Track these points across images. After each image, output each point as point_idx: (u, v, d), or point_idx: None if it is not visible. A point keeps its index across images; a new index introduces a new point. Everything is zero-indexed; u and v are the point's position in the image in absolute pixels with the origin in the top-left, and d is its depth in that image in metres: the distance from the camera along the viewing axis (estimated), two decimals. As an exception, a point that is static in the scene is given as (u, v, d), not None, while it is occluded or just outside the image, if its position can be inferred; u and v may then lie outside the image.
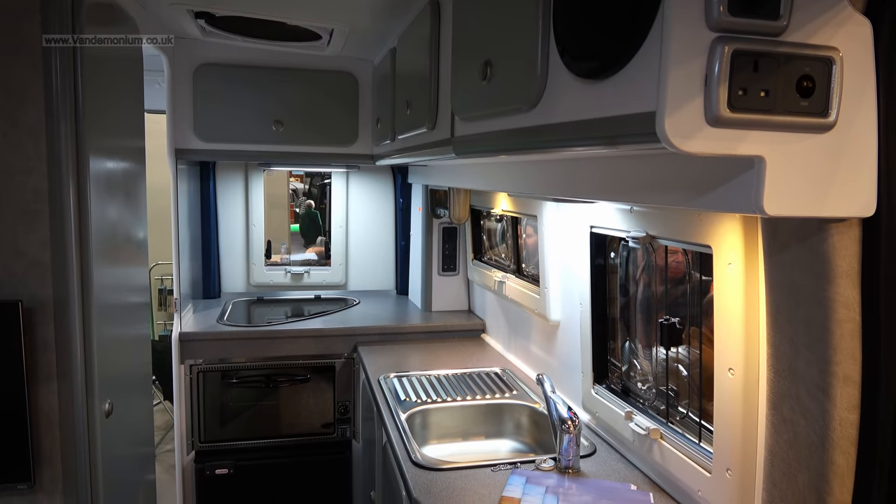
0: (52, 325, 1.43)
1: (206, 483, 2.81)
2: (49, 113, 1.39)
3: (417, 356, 2.78)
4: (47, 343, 1.42)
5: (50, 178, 1.40)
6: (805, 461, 1.00)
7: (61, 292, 1.43)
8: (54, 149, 1.41)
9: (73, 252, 1.43)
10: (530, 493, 1.57)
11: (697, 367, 1.53)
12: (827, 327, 0.94)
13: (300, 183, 5.47)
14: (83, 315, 1.45)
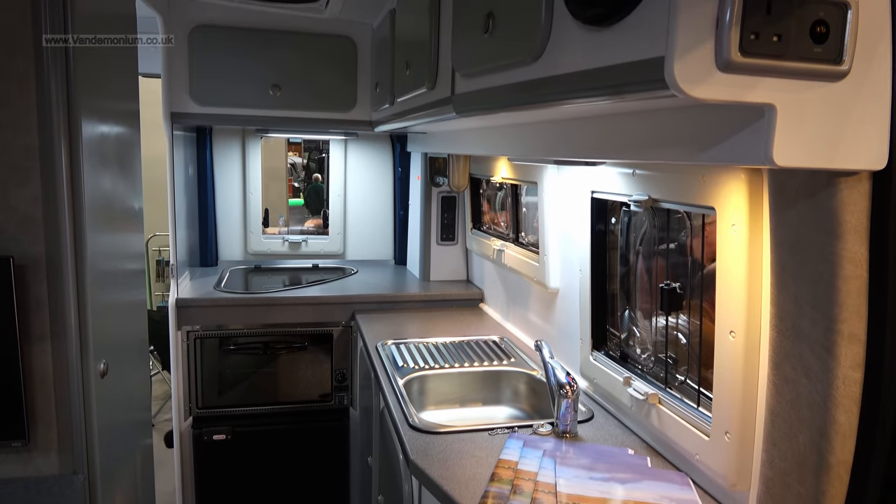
0: (44, 283, 1.41)
1: (203, 448, 2.82)
2: (38, 64, 1.36)
3: (415, 324, 2.77)
4: (40, 301, 1.41)
5: (40, 130, 1.36)
6: (806, 420, 0.99)
7: (54, 249, 1.40)
8: (44, 101, 1.38)
9: (65, 209, 1.40)
10: (527, 456, 1.56)
11: (697, 334, 1.52)
12: (833, 284, 0.92)
13: (298, 157, 5.44)
14: (76, 273, 1.43)
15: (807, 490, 1.00)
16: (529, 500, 1.36)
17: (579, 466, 1.51)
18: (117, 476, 1.74)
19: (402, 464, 1.72)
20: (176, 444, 2.83)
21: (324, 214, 4.00)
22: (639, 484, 1.43)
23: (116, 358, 1.74)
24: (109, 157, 1.75)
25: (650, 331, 1.72)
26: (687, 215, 1.52)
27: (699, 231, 1.47)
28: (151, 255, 5.90)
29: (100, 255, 1.61)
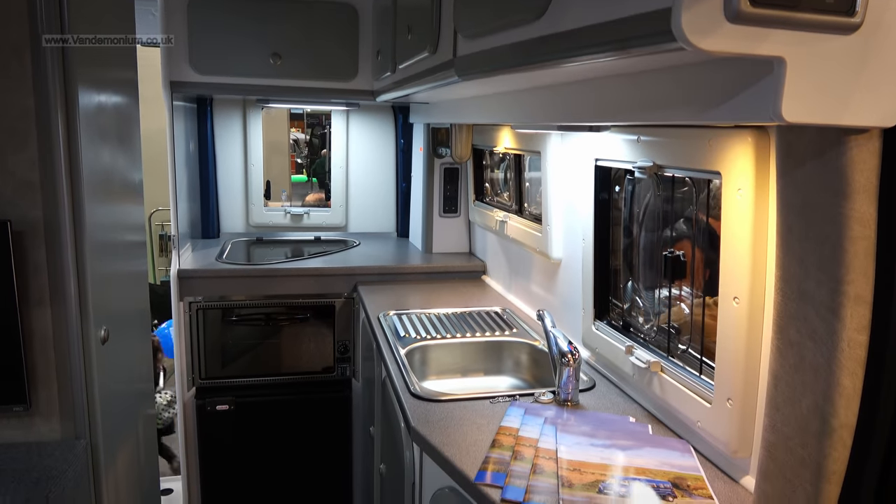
0: (42, 248, 1.40)
1: (206, 418, 2.83)
2: (33, 28, 1.33)
3: (417, 296, 2.76)
4: (38, 266, 1.40)
5: (36, 94, 1.34)
6: (810, 384, 0.98)
7: (52, 214, 1.39)
8: (40, 67, 1.35)
9: (62, 173, 1.39)
10: (529, 423, 1.56)
11: (700, 302, 1.51)
12: (840, 245, 0.91)
13: (301, 133, 5.40)
14: (75, 238, 1.41)
15: (809, 454, 0.99)
16: (530, 465, 1.37)
17: (580, 433, 1.51)
18: (119, 443, 1.75)
19: (403, 431, 1.72)
20: (179, 414, 2.85)
21: (326, 187, 3.97)
22: (640, 451, 1.43)
23: (117, 327, 1.74)
24: (107, 123, 1.73)
25: (653, 301, 1.71)
26: (692, 182, 1.50)
27: (704, 198, 1.45)
28: (154, 229, 5.90)
29: (99, 226, 1.60)
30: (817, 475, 0.98)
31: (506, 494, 1.26)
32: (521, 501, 1.24)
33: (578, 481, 1.30)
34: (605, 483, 1.30)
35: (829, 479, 0.97)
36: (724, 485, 1.32)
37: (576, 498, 1.24)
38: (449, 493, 1.45)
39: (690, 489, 1.29)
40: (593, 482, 1.30)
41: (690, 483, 1.31)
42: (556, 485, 1.29)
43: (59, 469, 1.37)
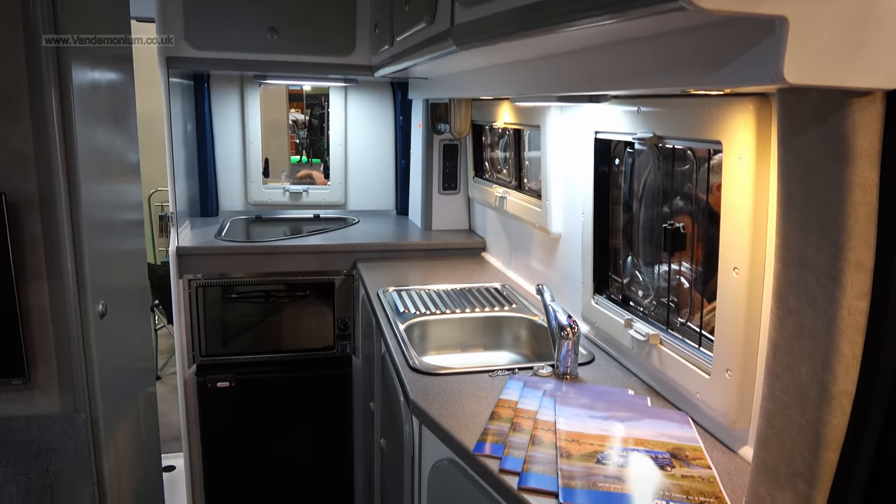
0: (38, 221, 1.39)
1: (207, 395, 2.84)
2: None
3: (417, 272, 2.76)
4: (35, 239, 1.39)
5: (28, 62, 1.33)
6: (809, 352, 0.97)
7: (47, 187, 1.38)
8: (32, 35, 1.33)
9: (56, 145, 1.37)
10: (527, 395, 1.57)
11: (700, 275, 1.50)
12: (842, 211, 0.89)
13: (300, 114, 5.37)
14: (70, 212, 1.40)
15: (808, 421, 0.99)
16: (529, 436, 1.37)
17: (579, 405, 1.51)
18: (120, 418, 1.75)
19: (402, 405, 1.72)
20: (180, 391, 2.85)
21: (324, 164, 3.95)
22: (638, 422, 1.43)
23: (116, 303, 1.73)
24: (101, 101, 1.71)
25: (652, 276, 1.70)
26: (692, 153, 1.49)
27: (704, 169, 1.44)
28: (154, 210, 5.88)
29: (95, 204, 1.59)
30: (816, 443, 0.98)
31: (504, 465, 1.27)
32: (520, 472, 1.24)
33: (577, 452, 1.30)
34: (603, 454, 1.30)
35: (828, 447, 0.97)
36: (723, 455, 1.33)
37: (574, 468, 1.24)
38: (448, 465, 1.45)
39: (689, 459, 1.29)
40: (592, 453, 1.30)
41: (689, 453, 1.31)
42: (554, 455, 1.29)
43: (59, 442, 1.38)
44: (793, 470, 1.03)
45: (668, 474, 1.23)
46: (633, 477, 1.22)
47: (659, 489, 1.18)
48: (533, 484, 1.20)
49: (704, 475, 1.24)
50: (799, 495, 1.02)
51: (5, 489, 1.29)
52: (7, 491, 1.29)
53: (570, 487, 1.18)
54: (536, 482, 1.20)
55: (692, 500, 1.15)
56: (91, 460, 1.51)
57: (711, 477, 1.23)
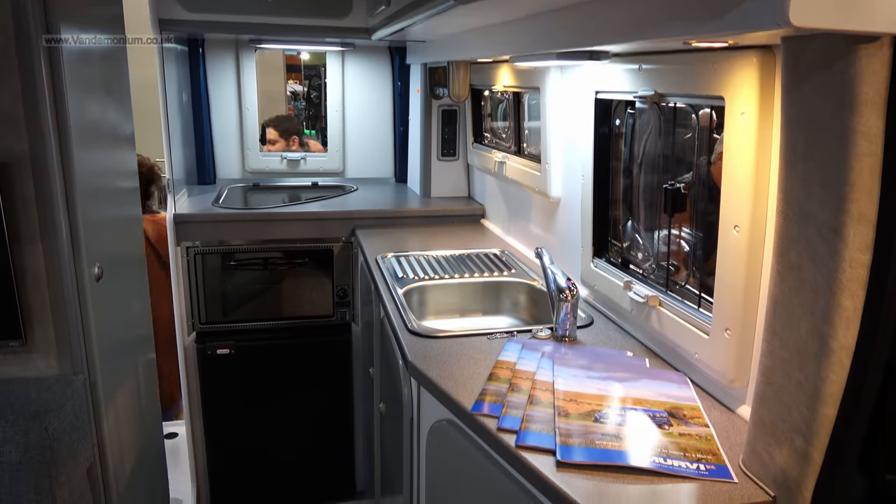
0: (31, 183, 1.38)
1: (207, 362, 2.85)
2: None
3: (416, 239, 2.74)
4: (27, 201, 1.37)
5: (15, 24, 1.29)
6: (810, 306, 0.97)
7: (38, 148, 1.36)
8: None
9: (46, 104, 1.35)
10: (526, 357, 1.56)
11: (700, 237, 1.48)
12: (845, 162, 0.88)
13: (298, 85, 5.31)
14: (63, 172, 1.39)
15: (806, 377, 0.99)
16: (527, 396, 1.37)
17: (577, 366, 1.51)
18: (119, 382, 1.75)
19: (401, 369, 1.72)
20: (180, 359, 2.86)
21: (321, 132, 3.90)
22: (636, 382, 1.43)
23: (112, 269, 1.72)
24: (91, 63, 1.68)
25: (652, 241, 1.69)
26: (694, 111, 1.46)
27: (706, 130, 1.42)
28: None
29: (90, 172, 1.57)
30: (814, 398, 0.97)
31: (502, 424, 1.27)
32: (518, 430, 1.24)
33: (575, 411, 1.30)
34: (601, 413, 1.30)
35: (826, 402, 0.96)
36: (721, 414, 1.33)
37: (572, 426, 1.24)
38: (446, 426, 1.46)
39: (686, 418, 1.29)
40: (589, 412, 1.30)
41: (687, 412, 1.31)
42: (552, 414, 1.29)
43: (58, 403, 1.38)
44: (791, 426, 1.03)
45: (666, 432, 1.23)
46: (631, 435, 1.22)
47: (656, 446, 1.18)
48: (531, 442, 1.20)
49: (702, 433, 1.24)
50: (796, 451, 1.02)
51: (4, 449, 1.29)
52: (6, 450, 1.29)
53: (568, 445, 1.18)
54: (534, 440, 1.20)
55: (689, 457, 1.15)
56: (91, 422, 1.52)
57: (709, 435, 1.23)
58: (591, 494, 1.06)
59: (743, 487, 1.09)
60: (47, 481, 1.32)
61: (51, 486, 1.32)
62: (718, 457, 1.16)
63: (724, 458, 1.16)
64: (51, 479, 1.32)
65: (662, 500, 1.05)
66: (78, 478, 1.44)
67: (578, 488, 1.08)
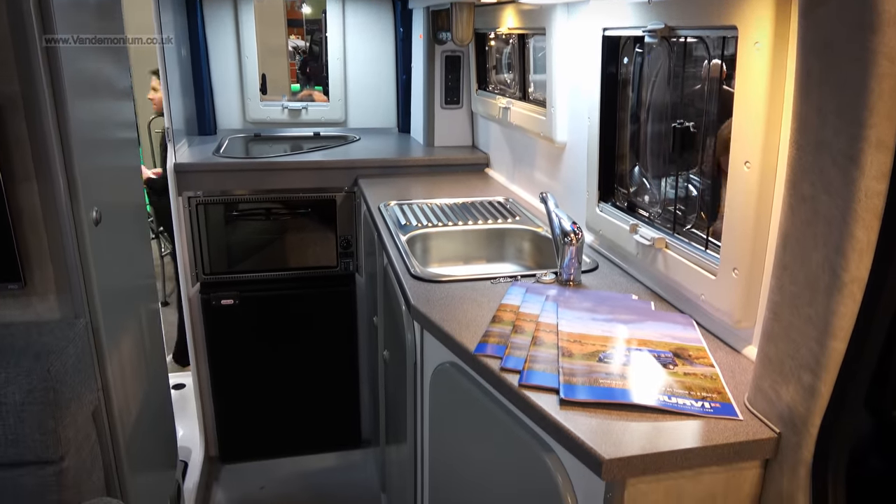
0: (23, 123, 1.34)
1: (212, 313, 2.85)
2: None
3: (419, 187, 2.71)
4: (20, 139, 1.34)
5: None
6: (822, 238, 0.94)
7: (28, 87, 1.32)
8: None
9: (36, 44, 1.30)
10: (530, 300, 1.55)
11: (708, 179, 1.45)
12: (864, 85, 0.84)
13: (301, 40, 5.20)
14: (56, 113, 1.35)
15: (816, 311, 0.96)
16: (530, 338, 1.35)
17: (582, 309, 1.49)
18: (122, 328, 1.75)
19: (404, 313, 1.71)
20: (185, 309, 2.87)
21: (325, 90, 3.82)
22: (641, 324, 1.42)
23: (112, 216, 1.69)
24: (85, 9, 1.62)
25: (660, 188, 1.65)
26: (705, 46, 1.41)
27: (717, 66, 1.37)
28: (154, 137, 5.79)
29: (86, 122, 1.53)
30: (824, 332, 0.95)
31: (506, 364, 1.26)
32: (521, 370, 1.23)
33: (579, 351, 1.29)
34: (605, 353, 1.29)
35: (836, 336, 0.94)
36: (726, 355, 1.31)
37: (575, 366, 1.23)
38: (450, 368, 1.45)
39: (692, 358, 1.28)
40: (593, 352, 1.29)
41: (692, 353, 1.30)
42: (555, 355, 1.28)
43: (60, 346, 1.37)
44: (798, 362, 1.01)
45: (671, 372, 1.22)
46: (635, 374, 1.21)
47: (661, 385, 1.17)
48: (534, 381, 1.19)
49: (707, 373, 1.23)
50: (804, 387, 1.00)
51: (7, 390, 1.29)
52: (9, 392, 1.29)
53: (571, 384, 1.17)
54: (537, 379, 1.19)
55: (694, 396, 1.14)
56: (94, 365, 1.52)
57: (714, 374, 1.22)
58: (595, 431, 1.05)
59: (748, 425, 1.08)
60: (51, 422, 1.32)
61: (55, 426, 1.33)
62: (723, 395, 1.15)
63: (729, 396, 1.15)
64: (55, 419, 1.33)
65: (666, 438, 1.04)
66: (82, 420, 1.44)
67: (582, 425, 1.07)
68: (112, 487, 1.63)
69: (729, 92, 1.27)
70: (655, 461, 1.01)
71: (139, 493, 1.75)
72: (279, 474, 3.01)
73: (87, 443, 1.48)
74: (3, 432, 1.31)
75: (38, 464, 1.36)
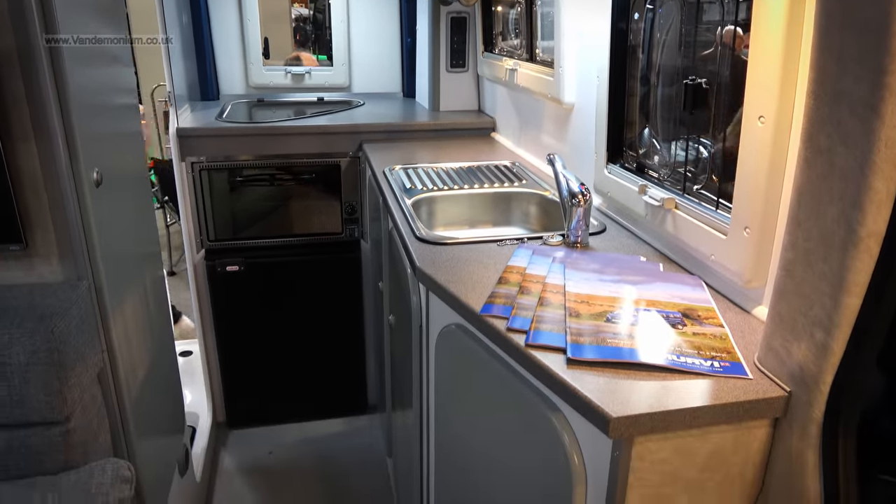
0: (20, 79, 1.32)
1: (217, 279, 2.85)
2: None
3: (425, 152, 2.68)
4: (17, 97, 1.32)
5: None
6: (838, 191, 0.91)
7: (24, 42, 1.29)
8: None
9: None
10: (536, 262, 1.53)
11: (719, 151, 1.41)
12: (886, 27, 0.80)
13: (304, 8, 5.11)
14: (53, 70, 1.32)
15: (830, 267, 0.94)
16: (537, 299, 1.34)
17: (589, 270, 1.47)
18: (126, 293, 1.74)
19: (409, 277, 1.70)
20: (190, 276, 2.86)
21: (325, 45, 3.76)
22: (650, 285, 1.40)
23: (113, 180, 1.67)
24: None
25: (669, 151, 1.61)
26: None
27: (730, 16, 1.32)
28: (158, 106, 5.74)
29: (86, 88, 1.50)
30: (838, 288, 0.93)
31: (512, 324, 1.24)
32: (528, 330, 1.21)
33: (586, 312, 1.28)
34: (613, 313, 1.27)
35: (851, 292, 0.92)
36: (736, 315, 1.30)
37: (583, 326, 1.22)
38: (455, 329, 1.44)
39: (701, 318, 1.26)
40: (601, 312, 1.27)
41: (701, 313, 1.28)
42: (563, 315, 1.26)
43: (63, 307, 1.36)
44: (811, 319, 0.99)
45: (680, 332, 1.20)
46: (643, 334, 1.19)
47: (669, 345, 1.15)
48: (540, 341, 1.18)
49: (716, 332, 1.21)
50: (816, 344, 0.98)
51: (12, 351, 1.29)
52: (14, 352, 1.29)
53: (579, 343, 1.15)
54: (544, 339, 1.18)
55: (703, 355, 1.13)
56: (98, 327, 1.51)
57: (723, 334, 1.21)
58: (602, 390, 1.04)
59: (758, 384, 1.06)
60: (56, 383, 1.32)
61: (60, 387, 1.33)
62: (733, 355, 1.14)
63: (738, 356, 1.13)
64: (60, 380, 1.32)
65: (675, 396, 1.03)
66: (88, 381, 1.44)
67: (589, 384, 1.06)
68: (119, 449, 1.63)
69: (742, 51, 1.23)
70: (663, 419, 1.00)
71: (147, 456, 1.76)
72: (286, 440, 3.03)
73: (92, 404, 1.48)
74: (8, 393, 1.31)
75: (44, 424, 1.36)
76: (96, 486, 1.34)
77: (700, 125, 1.48)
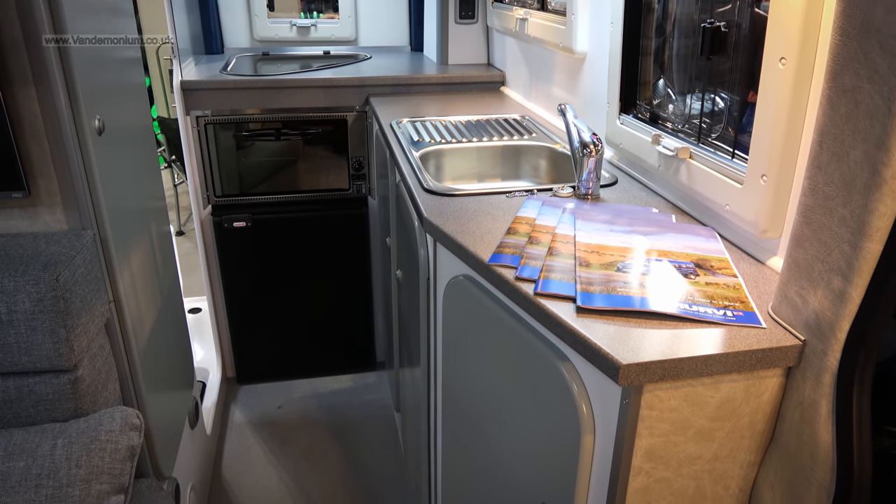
0: (17, 23, 1.28)
1: (224, 235, 2.84)
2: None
3: (433, 105, 2.63)
4: (16, 42, 1.28)
5: None
6: (863, 132, 0.87)
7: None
8: None
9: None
10: (546, 213, 1.50)
11: (736, 104, 1.36)
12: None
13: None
14: (50, 9, 1.28)
15: (852, 212, 0.91)
16: (546, 248, 1.31)
17: (600, 221, 1.45)
18: (133, 244, 1.73)
19: (416, 229, 1.67)
20: (197, 232, 2.85)
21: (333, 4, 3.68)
22: (662, 236, 1.37)
23: (116, 130, 1.64)
24: None
25: (685, 104, 1.56)
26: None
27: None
28: (163, 64, 5.67)
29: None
30: (859, 233, 0.90)
31: (521, 274, 1.22)
32: (537, 279, 1.19)
33: (596, 262, 1.25)
34: (624, 263, 1.25)
35: (872, 237, 0.89)
36: (750, 265, 1.27)
37: (593, 275, 1.19)
38: (463, 280, 1.42)
39: (714, 269, 1.23)
40: (612, 262, 1.25)
41: (714, 264, 1.25)
42: (572, 265, 1.24)
43: (68, 255, 1.35)
44: (829, 266, 0.96)
45: (692, 281, 1.18)
46: (655, 283, 1.17)
47: (681, 294, 1.13)
48: (550, 290, 1.16)
49: (730, 282, 1.18)
50: (833, 292, 0.96)
51: (17, 298, 1.28)
52: (19, 300, 1.28)
53: (589, 292, 1.13)
54: (554, 288, 1.16)
55: (716, 304, 1.11)
56: (104, 277, 1.50)
57: (737, 284, 1.18)
58: (612, 338, 1.02)
59: (771, 332, 1.04)
60: (63, 331, 1.32)
61: (67, 335, 1.32)
62: (746, 304, 1.12)
63: (752, 305, 1.11)
64: (66, 329, 1.32)
65: (686, 344, 1.01)
66: (95, 330, 1.44)
67: (599, 332, 1.04)
68: (129, 400, 1.64)
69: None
70: (674, 367, 0.98)
71: (156, 407, 1.77)
72: (295, 395, 3.06)
73: (100, 353, 1.48)
74: (15, 340, 1.30)
75: (52, 372, 1.36)
76: (105, 433, 1.35)
77: (717, 74, 1.43)
